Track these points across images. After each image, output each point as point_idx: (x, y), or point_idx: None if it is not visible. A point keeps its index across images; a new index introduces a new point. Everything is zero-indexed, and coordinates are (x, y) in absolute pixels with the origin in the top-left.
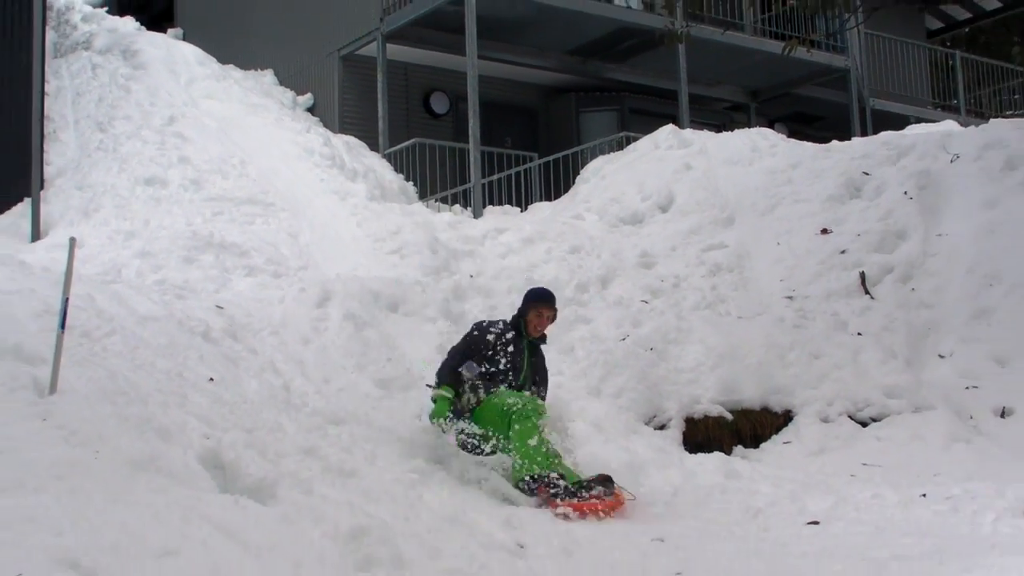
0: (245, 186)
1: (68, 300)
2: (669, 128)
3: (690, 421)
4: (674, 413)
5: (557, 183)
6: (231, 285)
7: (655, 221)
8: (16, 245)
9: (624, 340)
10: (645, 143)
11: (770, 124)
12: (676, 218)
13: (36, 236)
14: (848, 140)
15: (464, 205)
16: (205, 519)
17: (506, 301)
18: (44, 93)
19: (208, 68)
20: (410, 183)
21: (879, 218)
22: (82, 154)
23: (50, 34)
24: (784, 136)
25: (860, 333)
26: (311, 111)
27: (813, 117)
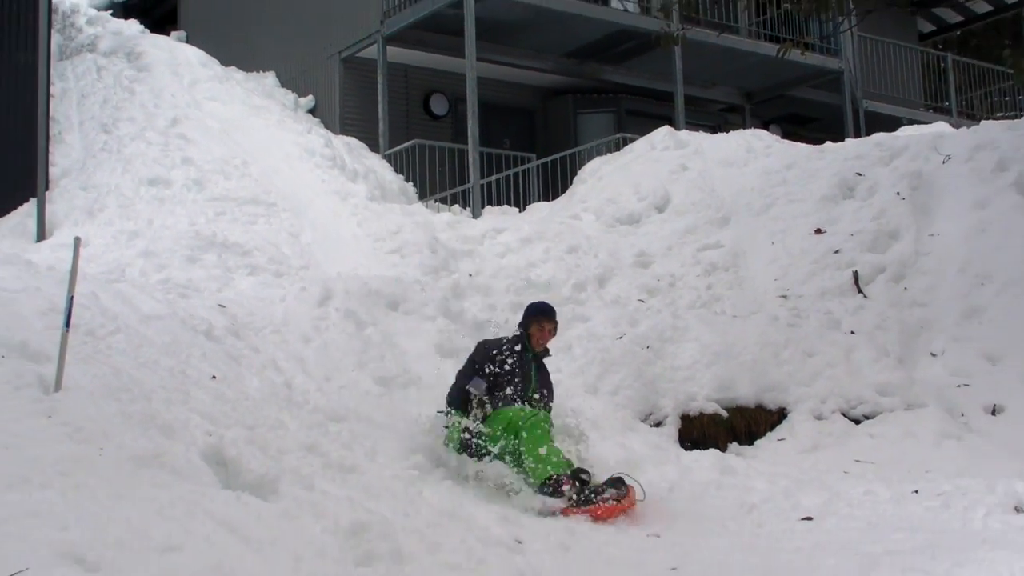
0: (247, 186)
1: (73, 299)
2: (665, 129)
3: (686, 418)
4: (670, 410)
5: (555, 184)
6: (233, 284)
7: (651, 221)
8: (22, 244)
9: (621, 338)
10: (641, 144)
11: (765, 125)
12: (672, 218)
13: (41, 236)
14: (841, 141)
15: (463, 205)
16: (208, 514)
17: (504, 300)
18: (49, 95)
19: (211, 70)
20: (410, 184)
21: (872, 218)
22: (87, 155)
23: (55, 37)
24: (778, 137)
25: (853, 332)
26: (312, 113)
27: (807, 119)
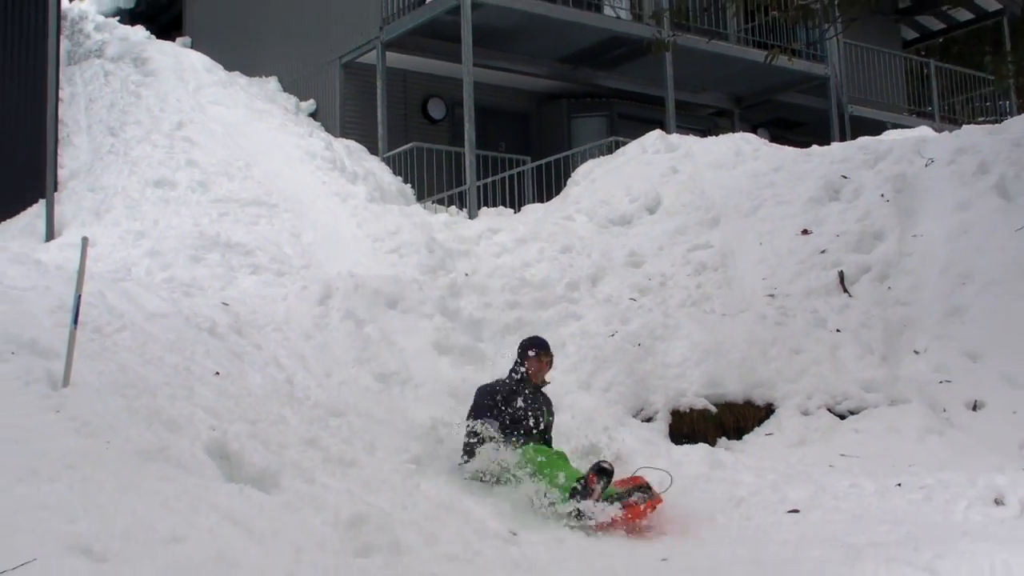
0: (250, 188)
1: (81, 297)
2: (656, 133)
3: (676, 414)
4: (661, 406)
5: (549, 185)
6: (236, 283)
7: (643, 222)
8: (32, 244)
9: (613, 336)
10: (633, 147)
11: (753, 129)
12: (663, 219)
13: (50, 236)
14: (828, 145)
15: (460, 206)
16: (212, 507)
17: (500, 299)
18: (58, 99)
19: (215, 75)
20: (408, 185)
21: (857, 219)
22: (94, 157)
23: (64, 42)
24: (766, 141)
25: (839, 330)
26: (313, 116)
27: (794, 123)
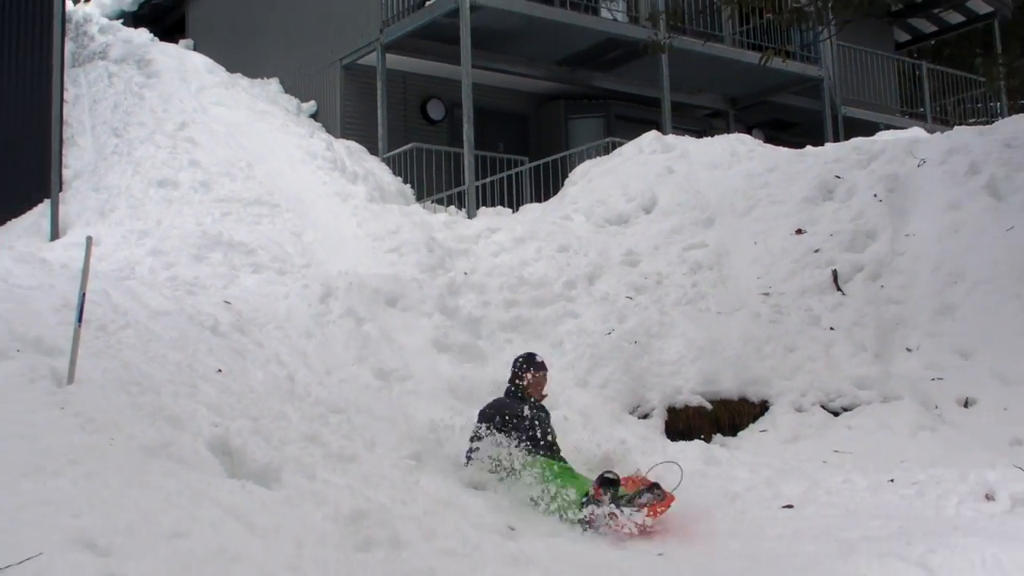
0: (252, 188)
1: (85, 295)
2: (652, 134)
3: (672, 410)
4: (657, 403)
5: (547, 186)
6: (238, 282)
7: (639, 222)
8: (37, 243)
9: (610, 334)
10: (630, 148)
11: (748, 130)
12: (659, 219)
13: (55, 235)
14: (821, 145)
15: (459, 206)
16: (214, 502)
17: (498, 297)
18: (63, 100)
19: (217, 76)
20: (408, 185)
21: (850, 219)
22: (98, 158)
23: (69, 45)
24: (761, 141)
25: (832, 328)
26: (314, 117)
27: (788, 124)
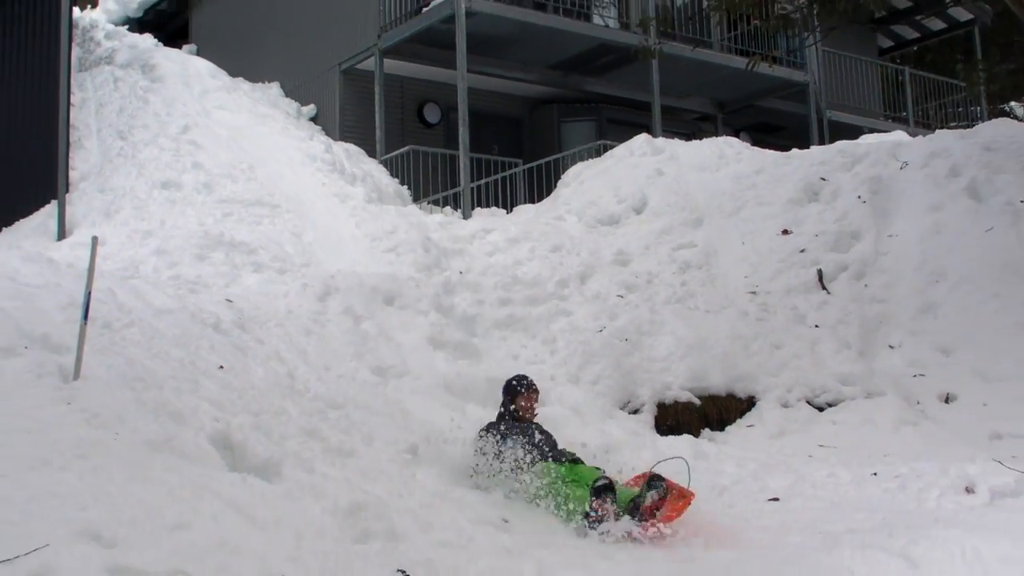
0: (253, 189)
1: (91, 294)
2: (643, 137)
3: (661, 406)
4: (647, 399)
5: (540, 187)
6: (240, 280)
7: (630, 222)
8: (44, 243)
9: (601, 331)
10: (621, 150)
11: (736, 133)
12: (649, 219)
13: (62, 235)
14: (807, 148)
15: (454, 207)
16: (215, 495)
17: (493, 296)
18: (70, 104)
19: (220, 81)
20: (405, 187)
21: (835, 220)
22: (104, 160)
23: (76, 50)
24: (748, 144)
25: (817, 325)
26: (314, 120)
27: (775, 127)
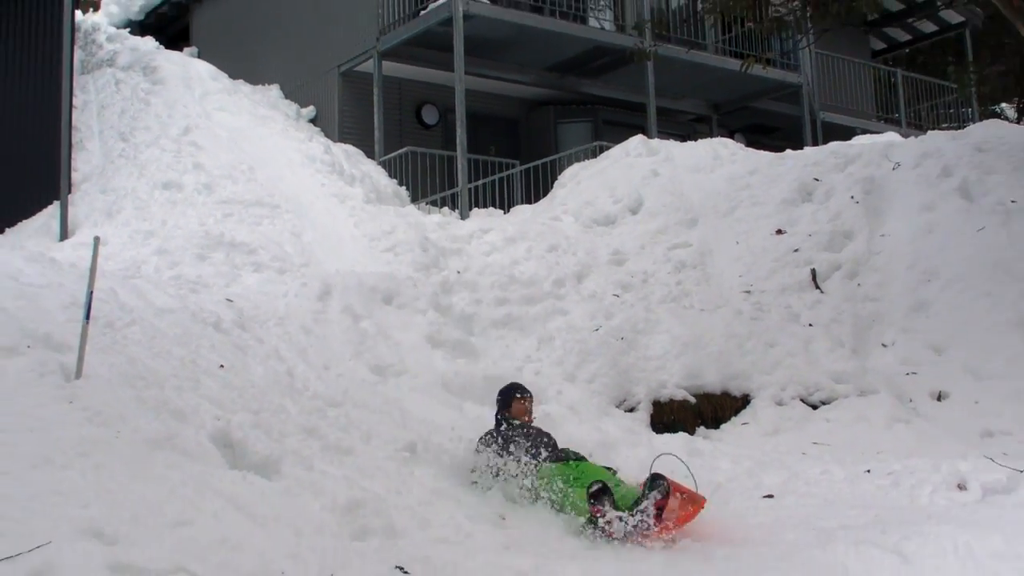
0: (253, 190)
1: (92, 293)
2: (638, 138)
3: (657, 404)
4: (642, 397)
5: (537, 188)
6: (240, 280)
7: (626, 222)
8: (47, 243)
9: (597, 330)
10: (617, 151)
11: (730, 134)
12: (645, 219)
13: (64, 235)
14: (800, 149)
15: (452, 208)
16: (216, 493)
17: (490, 295)
18: (72, 106)
19: (220, 83)
20: (403, 187)
21: (828, 220)
22: (106, 161)
23: (78, 53)
24: (743, 145)
25: (811, 324)
26: (313, 122)
27: (769, 128)
